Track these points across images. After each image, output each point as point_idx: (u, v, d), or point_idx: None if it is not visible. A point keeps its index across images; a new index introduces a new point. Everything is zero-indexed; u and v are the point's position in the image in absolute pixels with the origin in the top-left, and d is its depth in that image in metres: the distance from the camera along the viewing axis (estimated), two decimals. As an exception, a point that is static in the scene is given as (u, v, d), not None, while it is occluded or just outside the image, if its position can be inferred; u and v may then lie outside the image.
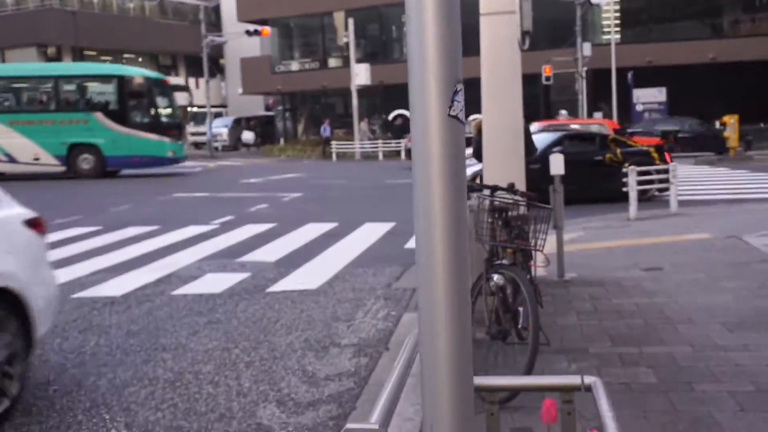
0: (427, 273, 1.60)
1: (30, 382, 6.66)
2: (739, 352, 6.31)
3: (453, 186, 1.55)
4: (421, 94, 1.54)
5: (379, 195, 21.17)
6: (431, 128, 1.55)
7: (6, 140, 29.82)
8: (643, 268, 9.72)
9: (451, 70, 1.53)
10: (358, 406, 5.87)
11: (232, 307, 9.20)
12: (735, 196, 18.51)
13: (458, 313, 1.59)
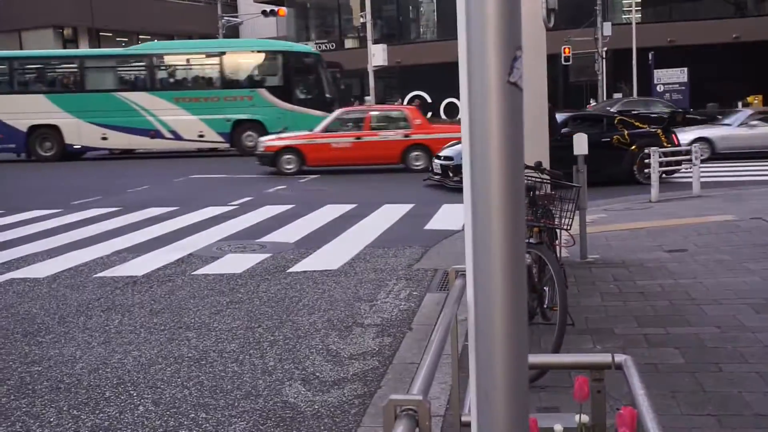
0: (483, 243, 1.59)
1: (56, 360, 6.76)
2: (766, 333, 6.30)
3: (512, 156, 1.54)
4: (479, 61, 1.53)
5: (398, 177, 21.13)
6: (490, 96, 1.54)
7: (172, 117, 29.97)
8: (666, 250, 9.71)
9: (512, 36, 1.52)
10: (384, 384, 5.89)
11: (253, 287, 9.23)
12: (758, 178, 18.43)
13: (515, 286, 1.59)
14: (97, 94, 30.48)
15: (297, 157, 22.91)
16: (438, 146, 21.66)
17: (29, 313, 8.39)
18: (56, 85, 31.49)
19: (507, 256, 1.57)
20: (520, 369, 1.64)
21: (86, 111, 29.82)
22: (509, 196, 1.55)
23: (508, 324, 1.60)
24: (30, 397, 5.96)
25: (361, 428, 5.13)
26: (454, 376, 3.94)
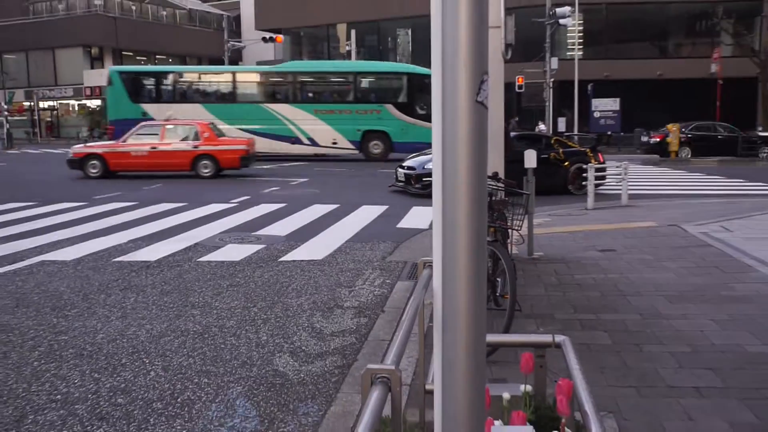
0: (451, 240, 1.61)
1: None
2: (678, 320, 6.38)
3: (477, 163, 1.56)
4: (451, 83, 1.55)
5: (373, 182, 21.12)
6: (459, 113, 1.55)
7: (311, 126, 29.77)
8: (599, 249, 9.77)
9: (479, 62, 1.53)
10: (360, 357, 5.89)
11: (250, 273, 9.20)
12: (675, 192, 18.62)
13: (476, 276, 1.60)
14: (247, 105, 30.59)
15: (101, 162, 22.88)
16: (222, 156, 22.68)
17: (57, 290, 8.33)
18: (212, 96, 31.55)
19: (471, 251, 1.58)
20: (479, 345, 1.65)
21: (237, 119, 29.77)
22: (474, 200, 1.56)
23: (470, 307, 1.61)
24: (58, 361, 5.93)
25: (340, 394, 5.13)
26: (420, 351, 3.94)
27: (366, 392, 2.14)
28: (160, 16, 65.26)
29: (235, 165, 22.83)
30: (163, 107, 29.87)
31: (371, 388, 2.14)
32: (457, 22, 1.53)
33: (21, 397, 5.20)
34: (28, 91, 59.16)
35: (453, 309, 1.61)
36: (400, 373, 2.24)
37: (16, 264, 9.76)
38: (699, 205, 14.83)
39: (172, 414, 4.84)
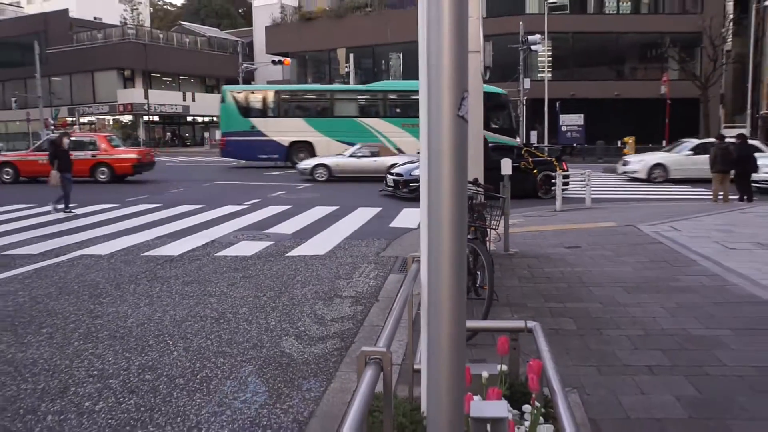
0: (436, 237, 1.59)
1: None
2: (634, 307, 6.37)
3: (458, 169, 1.55)
4: (436, 99, 1.53)
5: (368, 187, 21.08)
6: (443, 125, 1.54)
7: (398, 138, 29.30)
8: (566, 246, 9.76)
9: (460, 81, 1.52)
10: (356, 341, 5.87)
11: (260, 266, 9.16)
12: (631, 196, 18.64)
13: (458, 270, 1.58)
14: (343, 119, 30.29)
15: (12, 169, 23.19)
16: (117, 164, 22.95)
17: (94, 280, 8.29)
18: (312, 111, 31.32)
19: (453, 247, 1.57)
20: (460, 330, 1.64)
21: (334, 131, 29.58)
22: (456, 202, 1.56)
23: (453, 296, 1.60)
24: (95, 341, 5.90)
25: (339, 372, 5.11)
26: (409, 335, 3.93)
27: (361, 371, 2.13)
28: (183, 42, 65.12)
29: (128, 172, 23.15)
30: (269, 121, 30.13)
31: (365, 367, 2.13)
32: (441, 47, 1.52)
33: (64, 372, 5.19)
34: (71, 108, 59.12)
35: (437, 298, 1.60)
36: (391, 355, 2.23)
37: (59, 257, 9.71)
38: (651, 208, 14.84)
39: (192, 389, 4.82)
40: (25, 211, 15.05)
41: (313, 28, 50.96)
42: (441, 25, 1.53)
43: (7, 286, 7.99)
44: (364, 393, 1.92)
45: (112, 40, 60.55)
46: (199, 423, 4.27)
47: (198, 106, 64.18)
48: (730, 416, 3.99)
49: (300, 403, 4.58)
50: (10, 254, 9.96)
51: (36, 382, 4.99)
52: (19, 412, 4.47)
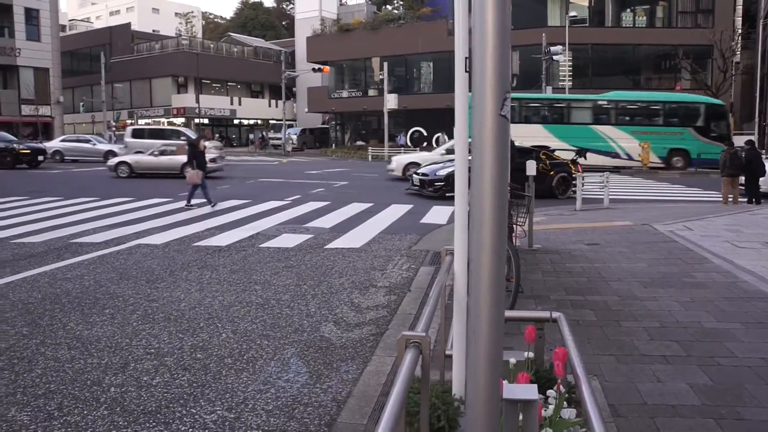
0: (478, 230, 1.56)
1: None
2: (650, 301, 6.28)
3: (500, 165, 1.52)
4: (480, 100, 1.50)
5: (400, 185, 21.04)
6: (486, 124, 1.51)
7: (627, 144, 29.43)
8: (586, 243, 9.64)
9: (503, 83, 1.49)
10: (390, 327, 5.84)
11: (301, 257, 9.18)
12: (646, 198, 18.36)
13: (498, 261, 1.55)
14: (578, 126, 30.10)
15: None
16: None
17: (150, 267, 8.38)
18: (550, 118, 31.10)
19: (494, 240, 1.54)
20: (499, 318, 1.61)
21: (569, 137, 29.13)
22: (497, 197, 1.52)
23: (493, 286, 1.57)
24: (151, 323, 5.96)
25: (374, 356, 5.09)
26: (442, 323, 3.90)
27: (401, 354, 2.11)
28: (231, 52, 65.67)
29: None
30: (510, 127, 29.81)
31: (405, 351, 2.11)
32: (485, 52, 1.49)
33: (124, 349, 5.25)
34: (131, 112, 60.05)
35: (478, 287, 1.57)
36: (430, 339, 2.20)
37: (119, 246, 9.84)
38: (666, 209, 14.60)
39: (239, 368, 4.84)
40: (91, 203, 15.27)
41: (350, 38, 50.99)
42: (485, 32, 1.50)
43: (75, 271, 8.12)
44: (405, 374, 1.90)
45: (168, 50, 61.38)
46: (246, 399, 4.28)
47: (244, 110, 64.73)
48: (740, 404, 3.93)
49: (338, 383, 4.57)
50: (78, 242, 10.12)
51: (100, 357, 5.06)
52: (86, 383, 4.53)
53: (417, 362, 2.06)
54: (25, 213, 13.64)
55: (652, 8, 44.06)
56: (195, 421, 3.95)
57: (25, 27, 48.74)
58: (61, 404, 4.18)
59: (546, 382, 3.50)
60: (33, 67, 49.04)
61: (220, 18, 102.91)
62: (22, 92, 48.45)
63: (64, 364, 4.91)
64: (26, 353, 5.14)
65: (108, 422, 3.92)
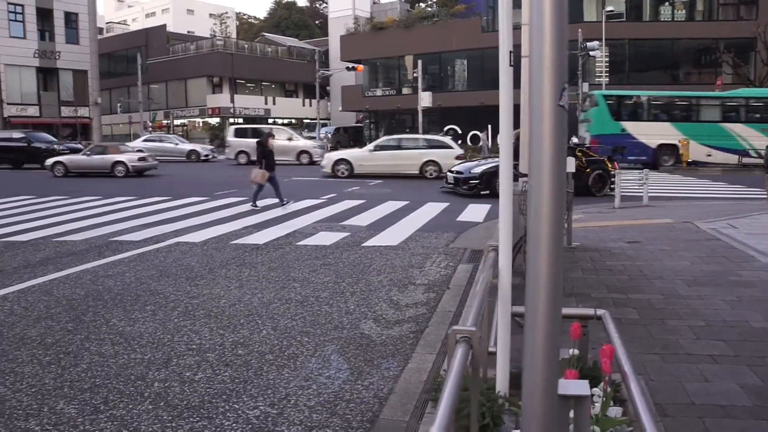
0: (536, 221, 1.54)
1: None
2: (694, 300, 6.14)
3: (558, 155, 1.50)
4: (537, 90, 1.49)
5: (436, 183, 20.97)
6: (545, 114, 1.50)
7: (758, 142, 28.31)
8: (626, 241, 9.50)
9: (561, 75, 1.48)
10: (430, 325, 5.83)
11: (338, 255, 9.21)
12: (686, 195, 18.05)
13: (557, 254, 1.53)
14: (708, 124, 29.60)
15: None
16: None
17: (189, 264, 8.49)
18: (678, 116, 30.61)
19: (552, 231, 1.53)
20: (557, 313, 1.60)
21: (698, 135, 29.03)
22: (556, 187, 1.51)
23: (552, 279, 1.55)
24: (192, 319, 6.03)
25: (415, 354, 5.08)
26: (485, 319, 3.87)
27: (452, 349, 2.10)
28: (265, 52, 66.20)
29: None
30: (640, 125, 29.55)
31: (456, 345, 2.10)
32: (542, 44, 1.48)
33: (167, 345, 5.32)
34: (166, 112, 60.96)
35: (536, 283, 1.55)
36: (480, 334, 2.19)
37: (158, 244, 9.99)
38: (707, 206, 14.32)
39: (281, 364, 4.88)
40: (129, 202, 15.53)
41: (384, 37, 51.02)
42: (542, 22, 1.48)
43: (116, 268, 8.26)
44: (456, 370, 1.89)
45: (203, 50, 62.10)
46: (288, 395, 4.31)
47: (278, 109, 65.19)
48: (795, 406, 3.82)
49: (379, 380, 4.57)
50: (118, 240, 10.30)
51: (143, 353, 5.14)
52: (130, 378, 4.61)
53: (468, 356, 2.05)
54: (65, 212, 13.92)
55: (692, 1, 43.20)
56: (238, 416, 3.99)
57: (64, 30, 49.83)
58: (106, 398, 4.26)
59: (590, 380, 3.46)
60: (72, 69, 50.10)
61: (254, 18, 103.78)
62: (61, 94, 49.52)
63: (108, 359, 5.00)
64: (71, 348, 5.25)
65: (152, 416, 3.98)
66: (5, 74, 46.47)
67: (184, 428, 3.83)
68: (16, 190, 19.25)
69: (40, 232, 11.17)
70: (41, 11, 48.34)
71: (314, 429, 3.83)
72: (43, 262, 8.66)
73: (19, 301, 6.70)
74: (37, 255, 9.14)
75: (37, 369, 4.80)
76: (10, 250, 9.54)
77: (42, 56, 48.48)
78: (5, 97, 46.57)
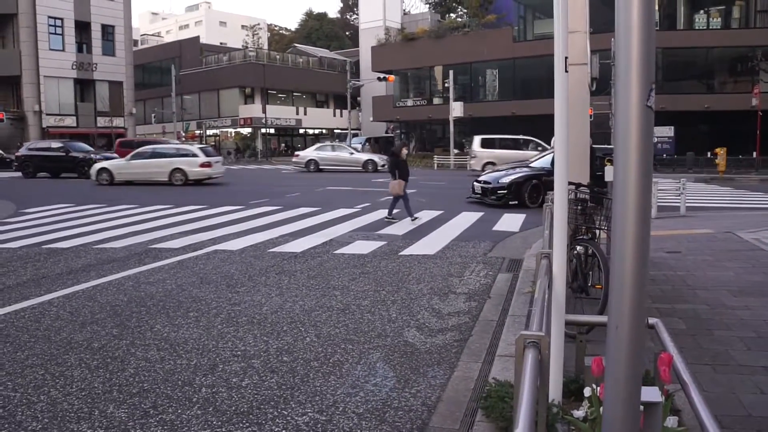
0: (622, 223, 1.52)
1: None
2: (742, 310, 6.02)
3: (645, 156, 1.48)
4: (624, 91, 1.47)
5: (468, 193, 20.87)
6: (632, 114, 1.48)
7: None
8: (666, 251, 9.36)
9: (648, 73, 1.46)
10: (474, 333, 5.79)
11: (376, 263, 9.21)
12: (725, 205, 17.74)
13: (643, 255, 1.51)
14: None
15: None
16: None
17: (229, 272, 8.55)
18: None
19: (639, 231, 1.50)
20: (641, 321, 1.57)
21: None
22: (643, 187, 1.49)
23: (637, 284, 1.53)
24: (235, 326, 6.06)
25: (460, 362, 5.05)
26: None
27: (520, 355, 2.07)
28: (297, 63, 66.72)
29: None
30: None
31: (525, 351, 2.07)
32: (630, 44, 1.46)
33: (212, 351, 5.35)
34: (199, 122, 61.71)
35: (622, 287, 1.53)
36: (549, 338, 2.17)
37: (197, 251, 10.09)
38: (747, 216, 14.06)
39: (326, 371, 4.87)
40: (166, 211, 15.71)
41: (415, 47, 51.10)
42: (630, 22, 1.47)
43: (157, 275, 8.36)
44: (530, 376, 1.87)
45: (235, 61, 62.84)
46: (336, 402, 4.30)
47: (309, 120, 65.64)
48: None
49: (426, 388, 4.55)
50: (157, 248, 10.42)
51: (189, 358, 5.18)
52: (177, 383, 4.64)
53: (539, 360, 2.02)
54: (104, 220, 14.13)
55: (728, 8, 42.56)
56: (287, 422, 3.99)
57: (101, 43, 50.80)
58: (155, 403, 4.30)
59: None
60: (108, 80, 51.05)
61: (285, 30, 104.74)
62: (97, 105, 50.45)
63: (154, 364, 5.04)
64: (118, 353, 5.31)
65: (202, 421, 4.00)
66: (44, 86, 47.50)
67: (234, 433, 3.85)
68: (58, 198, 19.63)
69: (81, 239, 11.34)
70: (79, 24, 49.36)
71: (364, 436, 3.82)
72: (85, 268, 8.80)
73: (65, 306, 6.81)
74: (79, 262, 9.28)
75: (85, 373, 4.86)
76: (53, 256, 9.70)
77: (80, 68, 49.47)
78: (44, 108, 47.56)
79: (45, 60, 47.16)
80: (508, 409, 3.54)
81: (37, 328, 6.03)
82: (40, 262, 9.30)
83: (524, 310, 6.05)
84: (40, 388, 4.57)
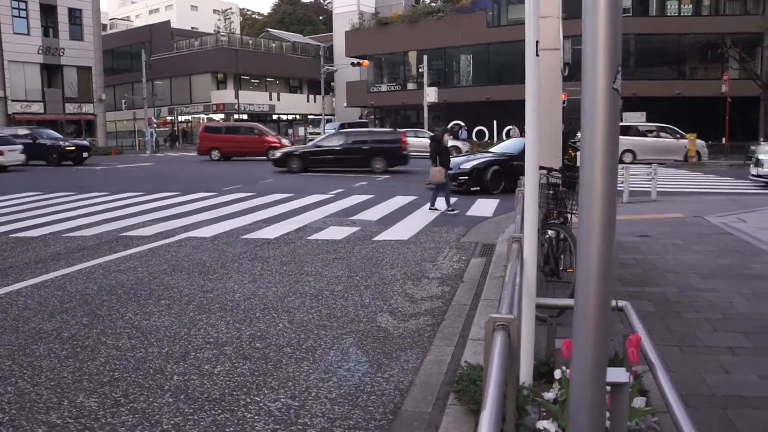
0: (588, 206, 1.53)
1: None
2: (710, 293, 6.14)
3: (611, 138, 1.49)
4: (592, 73, 1.48)
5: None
6: (599, 97, 1.49)
7: None
8: (637, 235, 9.48)
9: (614, 59, 1.46)
10: (447, 318, 5.83)
11: (350, 249, 9.21)
12: (694, 190, 18.00)
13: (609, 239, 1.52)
14: None
15: None
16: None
17: (201, 259, 8.49)
18: None
19: (605, 215, 1.52)
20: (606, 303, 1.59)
21: None
22: (608, 170, 1.50)
23: (603, 267, 1.54)
24: (207, 313, 6.03)
25: (432, 346, 5.08)
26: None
27: (489, 337, 2.09)
28: (270, 48, 66.14)
29: None
30: None
31: (494, 334, 2.09)
32: (596, 27, 1.47)
33: (184, 339, 5.32)
34: (171, 108, 60.87)
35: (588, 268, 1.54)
36: (518, 321, 2.19)
37: (169, 239, 10.00)
38: (716, 201, 14.29)
39: (300, 357, 4.87)
40: (136, 198, 15.54)
41: (389, 32, 50.94)
42: (597, 9, 1.47)
43: (128, 263, 8.27)
44: (499, 358, 1.88)
45: (207, 46, 62.09)
46: (309, 387, 4.31)
47: (283, 105, 65.19)
48: (818, 396, 3.81)
49: (399, 372, 4.57)
50: (128, 235, 10.31)
51: (160, 346, 5.14)
52: (149, 372, 4.61)
53: (507, 345, 2.04)
54: (74, 208, 13.93)
55: (699, -5, 43.11)
56: (260, 408, 3.99)
57: (68, 27, 49.79)
58: (126, 391, 4.26)
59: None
60: (76, 65, 50.09)
61: (258, 14, 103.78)
62: (65, 91, 49.54)
63: (125, 352, 5.00)
64: (88, 342, 5.25)
65: (174, 409, 3.98)
66: (9, 71, 46.45)
67: (206, 421, 3.83)
68: (56, 186, 19.30)
69: (50, 227, 11.18)
70: (45, 7, 48.29)
71: (337, 421, 3.83)
72: (54, 257, 8.67)
73: (33, 296, 6.71)
74: (48, 250, 9.15)
75: (54, 363, 4.80)
76: (20, 245, 9.55)
77: (46, 53, 48.47)
78: (9, 93, 46.58)
79: (9, 44, 46.06)
80: (479, 392, 3.57)
81: (4, 318, 5.93)
82: (8, 251, 9.14)
83: (497, 295, 6.09)
84: (6, 379, 4.50)
